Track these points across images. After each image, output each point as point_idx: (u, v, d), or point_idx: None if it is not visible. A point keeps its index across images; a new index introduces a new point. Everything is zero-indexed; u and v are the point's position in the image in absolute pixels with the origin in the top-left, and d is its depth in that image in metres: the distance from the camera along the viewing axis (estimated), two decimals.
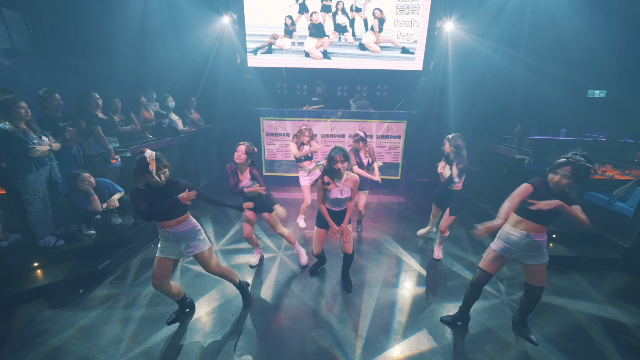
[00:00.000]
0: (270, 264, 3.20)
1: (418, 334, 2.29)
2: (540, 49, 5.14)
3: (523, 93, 5.37)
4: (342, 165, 2.33)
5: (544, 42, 5.11)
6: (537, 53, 5.13)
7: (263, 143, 5.63)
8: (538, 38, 5.08)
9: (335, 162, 2.32)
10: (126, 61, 5.08)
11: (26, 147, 2.65)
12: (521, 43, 5.07)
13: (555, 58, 5.16)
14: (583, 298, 2.74)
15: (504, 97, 5.36)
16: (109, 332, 2.26)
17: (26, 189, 2.75)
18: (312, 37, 6.00)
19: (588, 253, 3.28)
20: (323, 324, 2.37)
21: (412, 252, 3.51)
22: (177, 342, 2.18)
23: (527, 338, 2.25)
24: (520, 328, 2.31)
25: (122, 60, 5.11)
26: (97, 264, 2.90)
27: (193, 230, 2.14)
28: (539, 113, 5.53)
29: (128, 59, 5.09)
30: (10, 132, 2.57)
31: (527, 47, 5.09)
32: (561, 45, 5.03)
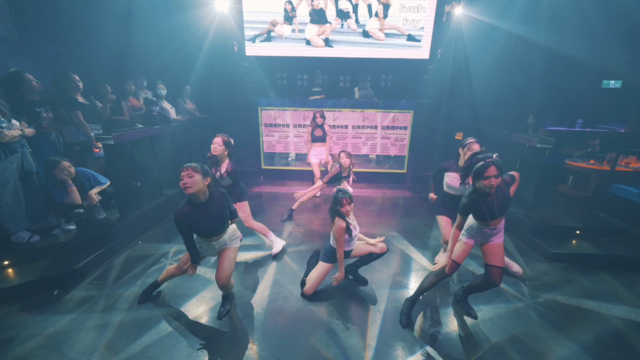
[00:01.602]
0: (267, 263, 2.91)
1: (435, 343, 2.01)
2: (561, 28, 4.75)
3: (540, 78, 5.04)
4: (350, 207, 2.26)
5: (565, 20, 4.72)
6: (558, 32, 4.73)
7: (261, 134, 5.34)
8: (559, 16, 4.71)
9: (342, 205, 2.23)
10: (115, 47, 4.76)
11: None
12: (540, 22, 4.72)
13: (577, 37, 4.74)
14: (616, 301, 2.45)
15: (520, 83, 5.01)
16: (82, 340, 1.98)
17: None
18: (313, 24, 5.67)
19: (617, 250, 2.99)
20: (326, 331, 2.09)
21: (422, 249, 3.22)
22: (159, 353, 1.89)
23: (468, 312, 2.26)
24: (461, 302, 2.33)
25: (111, 47, 4.79)
26: (75, 262, 2.62)
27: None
28: (555, 101, 5.20)
29: (116, 45, 4.77)
30: None
31: (546, 27, 4.72)
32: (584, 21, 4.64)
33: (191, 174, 1.82)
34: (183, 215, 1.89)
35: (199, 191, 1.87)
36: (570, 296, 2.50)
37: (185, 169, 1.84)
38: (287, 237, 3.42)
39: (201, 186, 1.86)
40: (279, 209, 4.25)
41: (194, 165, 1.86)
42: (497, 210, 1.89)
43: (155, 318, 2.18)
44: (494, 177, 1.77)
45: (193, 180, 1.81)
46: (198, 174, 1.84)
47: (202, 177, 1.87)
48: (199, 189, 1.86)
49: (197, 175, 1.83)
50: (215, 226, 2.00)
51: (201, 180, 1.86)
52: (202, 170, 1.88)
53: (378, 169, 5.46)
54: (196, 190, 1.84)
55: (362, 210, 4.22)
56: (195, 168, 1.85)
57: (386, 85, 6.43)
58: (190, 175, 1.81)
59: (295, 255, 3.05)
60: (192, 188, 1.82)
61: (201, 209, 1.92)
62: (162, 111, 4.31)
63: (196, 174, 1.83)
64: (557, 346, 2.00)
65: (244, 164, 5.69)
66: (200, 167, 1.88)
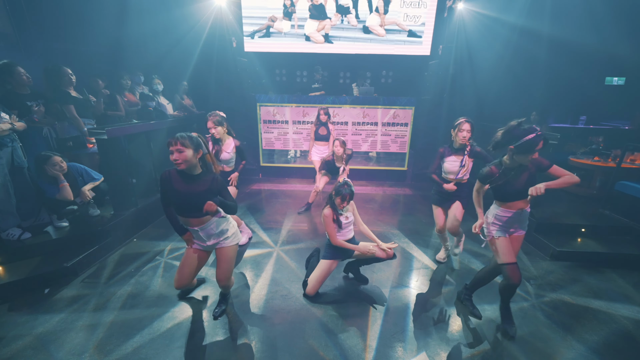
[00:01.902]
0: (265, 261, 2.84)
1: (438, 344, 1.94)
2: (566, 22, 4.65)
3: (545, 74, 4.95)
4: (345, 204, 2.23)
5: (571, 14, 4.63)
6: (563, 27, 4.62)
7: (260, 131, 5.26)
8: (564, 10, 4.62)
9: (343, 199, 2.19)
10: (110, 42, 4.68)
11: None
12: (544, 17, 4.63)
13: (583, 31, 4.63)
14: (624, 301, 2.38)
15: (524, 79, 4.93)
16: (71, 341, 1.90)
17: None
18: (312, 20, 5.58)
19: (623, 249, 2.92)
20: (325, 332, 2.01)
21: (423, 247, 3.15)
22: (151, 354, 1.82)
23: (472, 312, 2.17)
24: (465, 302, 2.25)
25: (107, 42, 4.71)
26: (67, 260, 2.54)
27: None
28: (558, 97, 5.11)
29: (112, 39, 4.69)
30: None
31: (551, 21, 4.62)
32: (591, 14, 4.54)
33: (181, 148, 1.66)
34: (168, 176, 1.77)
35: (192, 166, 1.74)
36: (577, 295, 2.42)
37: (174, 142, 1.66)
38: (286, 235, 3.35)
39: (194, 161, 1.73)
40: (277, 207, 4.18)
41: (183, 139, 1.67)
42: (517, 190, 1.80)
43: (147, 318, 2.10)
44: (538, 151, 1.69)
45: (184, 156, 1.67)
46: (189, 148, 1.68)
47: (194, 151, 1.71)
48: (191, 164, 1.72)
49: (188, 150, 1.68)
50: (190, 206, 1.79)
51: (193, 155, 1.71)
52: (193, 143, 1.71)
53: (378, 166, 5.39)
54: (188, 166, 1.72)
55: (363, 208, 4.15)
56: (185, 141, 1.67)
57: (387, 81, 6.34)
58: (180, 150, 1.66)
59: (294, 253, 2.98)
60: (183, 164, 1.69)
61: (187, 181, 1.77)
62: (158, 107, 4.23)
63: (187, 148, 1.67)
64: (564, 347, 1.92)
65: None
66: (191, 140, 1.70)
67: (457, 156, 2.53)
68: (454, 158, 2.54)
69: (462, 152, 2.51)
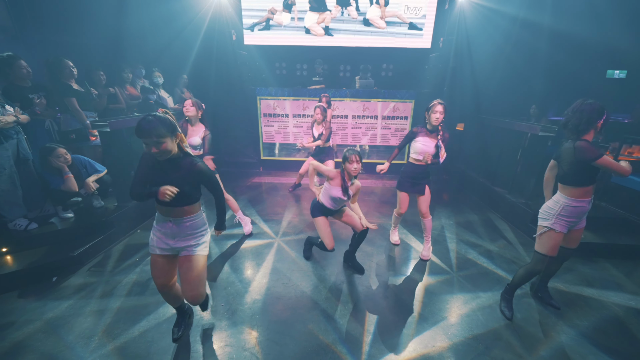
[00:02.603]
0: (266, 251, 2.90)
1: (432, 329, 2.01)
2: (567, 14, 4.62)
3: (545, 67, 4.94)
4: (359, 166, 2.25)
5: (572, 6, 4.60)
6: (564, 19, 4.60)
7: (260, 125, 5.28)
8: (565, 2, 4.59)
9: (350, 162, 2.24)
10: (110, 34, 4.67)
11: None
12: (545, 8, 4.60)
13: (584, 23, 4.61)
14: (616, 289, 2.45)
15: (524, 72, 4.92)
16: (80, 325, 1.98)
17: None
18: (312, 12, 5.55)
19: (617, 239, 2.97)
20: (325, 318, 2.08)
21: (421, 238, 3.20)
22: (157, 337, 1.89)
23: (550, 304, 2.21)
24: (541, 294, 2.28)
25: (106, 34, 4.70)
26: (73, 249, 2.61)
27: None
28: (559, 90, 5.10)
29: (111, 32, 4.68)
30: None
31: (552, 13, 4.60)
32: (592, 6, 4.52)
33: (159, 140, 1.41)
34: (149, 157, 1.51)
35: (173, 151, 1.50)
36: (570, 284, 2.49)
37: (146, 133, 1.38)
38: (287, 226, 3.41)
39: (175, 148, 1.51)
40: (278, 199, 4.23)
41: (158, 128, 1.39)
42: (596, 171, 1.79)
43: (152, 304, 2.17)
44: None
45: (165, 147, 1.44)
46: (166, 137, 1.43)
47: (171, 137, 1.47)
48: (174, 151, 1.50)
49: (166, 139, 1.44)
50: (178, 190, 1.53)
51: (171, 142, 1.47)
52: (168, 127, 1.44)
53: (378, 159, 5.42)
54: (171, 155, 1.50)
55: (363, 201, 4.19)
56: (160, 131, 1.40)
57: (387, 74, 6.32)
58: (158, 143, 1.41)
59: (294, 243, 3.04)
60: (165, 154, 1.47)
61: (165, 164, 1.53)
62: (159, 100, 4.25)
63: (164, 138, 1.42)
64: (555, 332, 1.99)
65: (243, 155, 5.66)
66: (164, 125, 1.42)
67: (430, 138, 2.57)
68: (427, 140, 2.58)
69: (435, 134, 2.57)
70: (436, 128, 2.55)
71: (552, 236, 1.91)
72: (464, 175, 5.05)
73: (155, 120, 1.41)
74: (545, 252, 1.93)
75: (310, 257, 2.78)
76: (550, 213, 1.93)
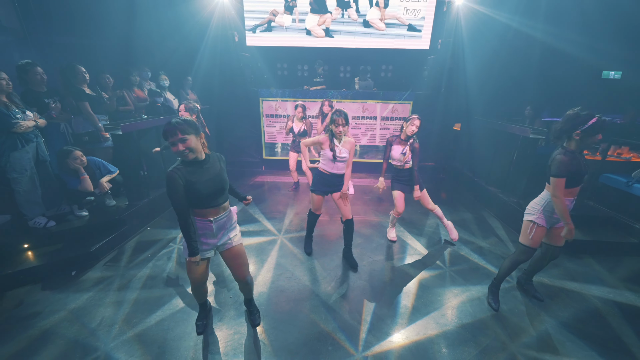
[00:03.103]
0: (270, 247, 3.07)
1: (425, 319, 2.18)
2: (559, 19, 4.77)
3: (539, 68, 5.08)
4: (344, 129, 2.44)
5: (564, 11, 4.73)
6: (557, 20, 4.74)
7: (262, 125, 5.43)
8: (557, 7, 4.72)
9: (337, 124, 2.42)
10: (117, 37, 4.81)
11: (9, 122, 2.48)
12: (539, 11, 4.72)
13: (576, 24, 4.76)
14: (598, 283, 2.62)
15: (518, 74, 5.06)
16: (101, 314, 2.16)
17: (12, 167, 2.60)
18: (313, 14, 5.67)
19: (602, 237, 3.14)
20: (325, 308, 2.26)
21: (417, 235, 3.38)
22: (172, 325, 2.07)
23: (534, 295, 2.39)
24: (526, 286, 2.45)
25: (113, 37, 4.84)
26: (90, 246, 2.78)
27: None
28: (552, 92, 5.25)
29: (119, 35, 4.82)
30: None
31: (545, 15, 4.73)
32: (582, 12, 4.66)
33: (183, 137, 1.49)
34: (178, 173, 1.52)
35: (197, 152, 1.57)
36: (555, 278, 2.66)
37: (171, 132, 1.47)
38: (289, 224, 3.58)
39: (199, 146, 1.58)
40: (280, 198, 4.40)
41: (181, 125, 1.48)
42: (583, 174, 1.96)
43: (166, 296, 2.35)
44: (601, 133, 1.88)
45: (189, 143, 1.50)
46: (191, 134, 1.52)
47: (195, 135, 1.55)
48: (198, 150, 1.57)
49: (191, 136, 1.52)
50: (216, 188, 1.64)
51: (196, 139, 1.55)
52: (192, 126, 1.54)
53: (377, 159, 5.57)
54: (197, 153, 1.57)
55: (361, 199, 4.37)
56: (185, 128, 1.49)
57: (386, 75, 6.46)
58: (182, 139, 1.49)
59: (297, 240, 3.21)
60: (190, 153, 1.52)
61: (201, 166, 1.60)
62: (165, 102, 4.40)
63: (189, 135, 1.51)
64: (538, 322, 2.17)
65: (245, 154, 5.82)
66: (189, 124, 1.52)
67: (401, 145, 2.88)
68: (399, 147, 2.88)
69: (406, 142, 2.86)
70: (409, 138, 2.83)
71: (534, 229, 2.09)
72: (460, 175, 5.21)
73: (179, 120, 1.52)
74: (528, 244, 2.11)
75: (311, 252, 2.95)
76: (536, 208, 2.10)
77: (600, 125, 1.85)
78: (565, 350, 1.93)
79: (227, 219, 1.77)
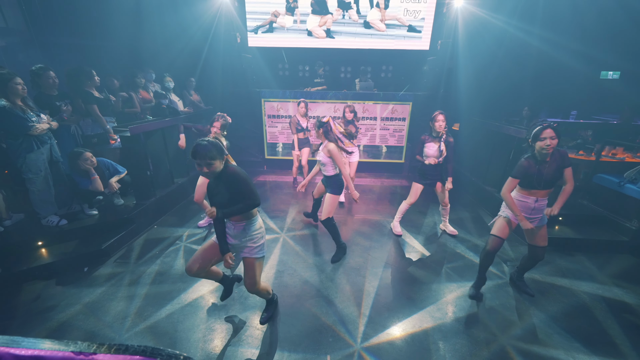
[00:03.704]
0: (273, 245, 3.19)
1: (421, 313, 2.30)
2: (556, 21, 4.85)
3: (535, 71, 5.16)
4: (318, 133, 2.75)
5: (560, 14, 4.82)
6: (553, 26, 4.84)
7: (265, 125, 5.54)
8: (553, 9, 4.80)
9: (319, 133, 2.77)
10: (122, 39, 4.91)
11: (26, 125, 2.60)
12: (536, 16, 4.81)
13: (572, 31, 4.86)
14: (587, 279, 2.73)
15: (515, 76, 5.15)
16: (114, 308, 2.29)
17: (28, 168, 2.72)
18: (314, 15, 5.75)
19: (594, 235, 3.24)
20: (326, 303, 2.38)
21: (415, 233, 3.49)
22: (181, 318, 2.20)
23: (525, 291, 2.49)
24: (517, 283, 2.56)
25: (118, 39, 4.94)
26: (101, 243, 2.91)
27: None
28: (550, 92, 5.33)
29: (124, 37, 4.92)
30: (8, 108, 2.51)
31: (542, 20, 4.82)
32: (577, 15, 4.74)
33: (210, 162, 1.66)
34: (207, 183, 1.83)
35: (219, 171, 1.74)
36: (546, 275, 2.77)
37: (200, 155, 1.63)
38: (291, 222, 3.70)
39: (221, 167, 1.74)
40: (281, 197, 4.52)
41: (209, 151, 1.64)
42: (545, 180, 2.10)
43: (175, 291, 2.48)
44: (549, 138, 1.99)
45: (214, 167, 1.68)
46: (216, 160, 1.68)
47: (220, 159, 1.71)
48: (220, 169, 1.73)
49: (216, 161, 1.68)
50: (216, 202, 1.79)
51: (220, 163, 1.72)
52: (218, 150, 1.68)
53: (377, 159, 5.67)
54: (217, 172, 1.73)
55: (362, 199, 4.47)
56: (212, 153, 1.65)
57: (386, 76, 6.54)
58: (209, 164, 1.66)
59: (298, 239, 3.33)
60: (214, 174, 1.72)
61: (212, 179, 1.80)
62: (170, 104, 4.51)
63: (215, 160, 1.67)
64: (527, 315, 2.28)
65: (247, 154, 5.92)
66: (215, 148, 1.66)
67: (435, 142, 3.02)
68: (432, 144, 3.05)
69: (439, 139, 3.02)
70: (439, 134, 2.99)
71: (501, 222, 2.31)
72: (458, 174, 5.30)
73: (209, 145, 1.65)
74: (495, 233, 2.30)
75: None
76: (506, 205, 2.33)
77: (540, 132, 2.03)
78: (552, 342, 2.05)
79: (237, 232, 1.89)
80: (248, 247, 1.92)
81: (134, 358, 0.54)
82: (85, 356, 0.54)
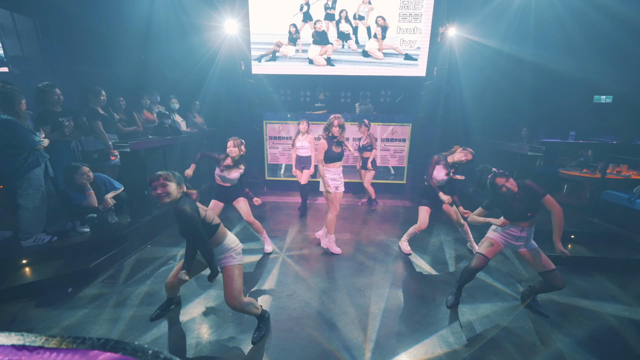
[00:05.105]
0: (271, 265, 3.02)
1: (432, 337, 2.08)
2: (548, 45, 5.10)
3: (531, 92, 5.31)
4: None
5: (551, 39, 5.08)
6: (545, 49, 5.08)
7: (266, 147, 5.57)
8: (544, 35, 5.06)
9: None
10: (132, 65, 5.14)
11: (34, 140, 2.59)
12: (527, 41, 5.06)
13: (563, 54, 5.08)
14: (610, 300, 2.52)
15: (512, 97, 5.29)
16: (95, 332, 2.08)
17: (30, 184, 2.66)
18: (315, 45, 6.07)
19: (610, 253, 3.08)
20: (328, 326, 2.17)
21: (421, 253, 3.32)
22: (169, 343, 1.98)
23: (538, 311, 2.34)
24: (531, 303, 2.40)
25: (128, 65, 5.17)
26: (89, 262, 2.75)
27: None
28: (547, 114, 5.44)
29: (134, 63, 5.15)
30: (20, 123, 2.53)
31: (534, 45, 5.06)
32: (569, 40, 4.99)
33: (164, 182, 1.67)
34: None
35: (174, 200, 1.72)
36: (566, 296, 2.57)
37: (156, 177, 1.68)
38: (291, 243, 3.54)
39: (177, 195, 1.72)
40: (281, 217, 4.39)
41: (166, 173, 1.70)
42: (517, 213, 2.15)
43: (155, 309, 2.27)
44: (505, 184, 2.11)
45: (167, 189, 1.67)
46: (172, 182, 1.70)
47: (177, 185, 1.72)
48: (174, 197, 1.71)
49: (171, 183, 1.69)
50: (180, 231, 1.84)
51: (176, 188, 1.71)
52: (176, 177, 1.74)
53: (379, 180, 5.62)
54: (171, 200, 1.70)
55: (364, 219, 4.34)
56: (168, 176, 1.69)
57: (385, 100, 6.73)
58: (163, 184, 1.67)
59: (298, 258, 3.16)
60: (166, 197, 1.68)
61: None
62: (173, 123, 4.57)
63: (170, 182, 1.69)
64: (551, 340, 2.06)
65: (248, 175, 5.88)
66: (174, 175, 1.73)
67: (445, 169, 2.96)
68: (442, 170, 2.98)
69: (450, 168, 2.97)
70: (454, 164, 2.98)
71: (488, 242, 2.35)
72: (461, 194, 5.21)
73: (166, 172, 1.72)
74: (481, 252, 2.31)
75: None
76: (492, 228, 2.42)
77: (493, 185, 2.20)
78: None
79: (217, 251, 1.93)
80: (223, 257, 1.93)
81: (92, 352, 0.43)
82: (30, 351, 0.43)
